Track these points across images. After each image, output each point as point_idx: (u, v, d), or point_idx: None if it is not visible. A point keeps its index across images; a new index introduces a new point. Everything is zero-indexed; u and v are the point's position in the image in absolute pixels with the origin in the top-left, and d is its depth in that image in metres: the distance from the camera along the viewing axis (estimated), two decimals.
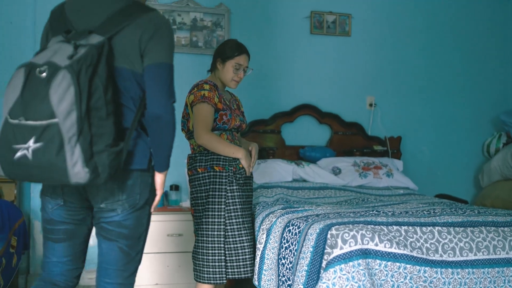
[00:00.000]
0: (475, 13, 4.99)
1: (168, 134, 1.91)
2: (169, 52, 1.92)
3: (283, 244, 2.60)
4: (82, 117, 1.63)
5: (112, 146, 1.74)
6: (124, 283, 1.99)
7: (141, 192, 1.92)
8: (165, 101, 1.88)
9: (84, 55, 1.68)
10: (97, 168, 1.69)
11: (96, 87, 1.70)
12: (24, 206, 4.00)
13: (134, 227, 1.94)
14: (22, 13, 4.00)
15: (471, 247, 2.38)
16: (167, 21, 1.97)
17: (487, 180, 4.76)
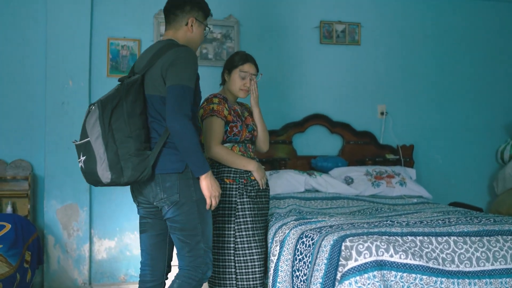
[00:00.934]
0: (486, 19, 4.96)
1: (183, 143, 2.27)
2: (184, 75, 2.31)
3: (297, 256, 2.58)
4: (106, 136, 2.23)
5: (136, 155, 2.27)
6: (189, 266, 2.40)
7: (180, 191, 2.35)
8: (174, 115, 2.25)
9: (113, 91, 2.31)
10: (122, 171, 2.24)
11: (120, 115, 2.27)
12: (37, 221, 4.01)
13: (185, 221, 2.37)
14: (34, 29, 4.04)
15: (488, 256, 2.35)
16: (188, 52, 2.38)
17: (501, 187, 4.70)
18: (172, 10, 2.58)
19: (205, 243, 2.41)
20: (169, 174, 2.35)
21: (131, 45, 4.19)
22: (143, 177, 2.29)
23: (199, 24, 2.59)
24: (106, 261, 4.15)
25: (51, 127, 3.98)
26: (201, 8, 2.61)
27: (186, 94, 2.28)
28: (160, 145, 2.34)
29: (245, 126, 2.96)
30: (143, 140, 2.32)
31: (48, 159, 3.98)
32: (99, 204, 4.12)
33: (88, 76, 4.09)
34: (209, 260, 2.43)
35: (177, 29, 2.57)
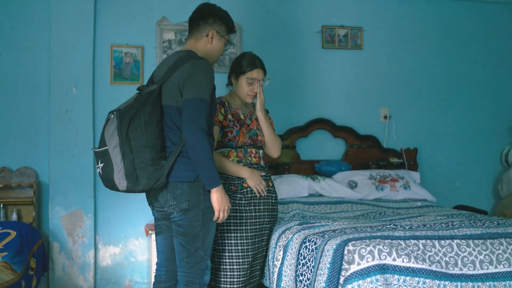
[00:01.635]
0: (489, 22, 4.96)
1: (197, 156, 2.35)
2: (200, 89, 2.37)
3: (300, 260, 2.59)
4: (123, 146, 2.31)
5: (151, 165, 2.35)
6: (188, 272, 2.47)
7: (189, 199, 2.42)
8: (190, 128, 2.33)
9: (132, 101, 2.38)
10: (137, 179, 2.33)
11: (137, 125, 2.35)
12: (42, 228, 4.03)
13: (189, 227, 2.44)
14: (38, 38, 4.08)
15: (492, 259, 2.34)
16: (205, 65, 2.45)
17: (506, 190, 4.69)
18: (196, 20, 2.64)
19: (203, 251, 2.47)
20: (181, 182, 2.43)
21: (134, 52, 4.22)
22: (158, 186, 2.38)
23: (220, 37, 2.63)
24: (111, 267, 4.16)
25: (55, 134, 4.01)
26: (224, 22, 2.65)
27: (202, 107, 2.36)
28: (175, 155, 2.41)
29: (246, 131, 2.92)
30: (158, 150, 2.40)
31: (53, 166, 4.00)
32: (104, 211, 4.14)
33: (92, 83, 4.11)
34: (205, 267, 2.49)
35: (197, 39, 2.63)
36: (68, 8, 4.05)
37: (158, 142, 2.41)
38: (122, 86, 4.17)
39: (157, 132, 2.41)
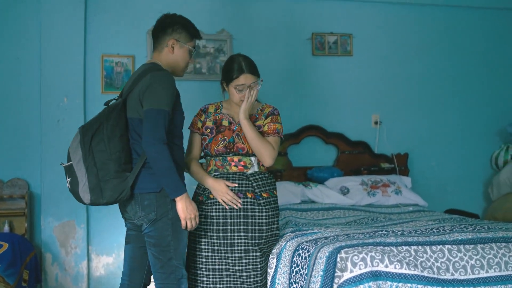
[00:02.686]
0: (477, 27, 5.01)
1: (157, 166, 2.36)
2: (159, 100, 2.39)
3: (293, 268, 2.60)
4: (87, 160, 2.37)
5: (115, 177, 2.38)
6: (164, 283, 2.49)
7: (157, 209, 2.44)
8: (148, 139, 2.35)
9: (96, 116, 2.47)
10: (101, 192, 2.38)
11: (100, 139, 2.40)
12: (35, 239, 4.02)
13: (159, 237, 2.46)
14: (28, 49, 4.07)
15: (483, 264, 2.37)
16: (164, 76, 2.46)
17: (496, 193, 4.73)
18: (155, 33, 2.67)
19: (177, 260, 2.48)
20: (148, 193, 2.45)
21: (125, 61, 4.22)
22: (122, 198, 2.42)
23: (181, 45, 2.63)
24: (105, 277, 4.15)
25: (47, 145, 4.00)
26: (184, 29, 2.64)
27: (160, 118, 2.37)
28: (138, 166, 2.44)
29: (220, 139, 2.78)
30: (122, 162, 2.43)
31: (45, 177, 3.99)
32: (96, 221, 4.13)
33: (83, 93, 4.11)
34: (181, 276, 2.50)
35: (160, 51, 2.65)
36: (58, 19, 4.05)
37: (122, 154, 2.44)
38: (113, 95, 4.09)
39: (120, 145, 2.44)
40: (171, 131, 2.49)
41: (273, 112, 2.88)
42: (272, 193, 2.82)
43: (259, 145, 2.73)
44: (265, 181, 2.80)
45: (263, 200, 2.74)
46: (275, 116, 2.86)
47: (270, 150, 2.74)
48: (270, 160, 2.75)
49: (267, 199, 2.76)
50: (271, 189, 2.82)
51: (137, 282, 2.68)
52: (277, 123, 2.84)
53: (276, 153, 2.77)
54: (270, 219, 2.75)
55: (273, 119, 2.85)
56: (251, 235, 2.71)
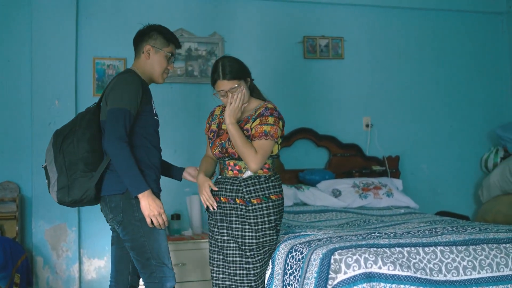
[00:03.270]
0: (467, 30, 5.06)
1: (117, 164, 2.42)
2: (120, 99, 2.46)
3: (287, 270, 2.61)
4: (57, 160, 2.49)
5: (82, 176, 2.47)
6: (148, 282, 2.55)
7: (124, 211, 2.50)
8: (108, 138, 2.43)
9: (71, 120, 2.62)
10: (68, 191, 2.47)
11: (71, 141, 2.51)
12: (26, 242, 3.99)
13: (132, 240, 2.52)
14: (19, 52, 4.05)
15: (474, 265, 2.39)
16: (127, 77, 2.55)
17: (487, 195, 4.77)
18: (134, 42, 2.76)
19: (155, 259, 2.52)
20: (114, 195, 2.51)
21: (117, 64, 4.22)
22: (87, 197, 2.49)
23: (156, 50, 2.67)
24: (96, 280, 4.13)
25: (38, 148, 3.97)
26: (160, 35, 2.69)
27: (120, 117, 2.43)
28: (103, 166, 2.51)
29: (218, 143, 2.78)
30: (90, 163, 2.50)
31: (36, 180, 3.96)
32: (88, 224, 4.11)
33: (75, 95, 4.10)
34: (163, 274, 2.53)
35: (138, 58, 2.72)
36: (50, 21, 4.04)
37: (90, 155, 2.51)
38: None
39: (89, 146, 2.51)
40: (139, 133, 2.55)
41: (263, 113, 2.72)
42: (267, 198, 2.71)
43: (241, 151, 2.65)
44: (257, 186, 2.71)
45: (252, 206, 2.69)
46: (265, 117, 2.70)
47: (252, 156, 2.62)
48: (253, 165, 2.63)
49: (258, 205, 2.69)
50: (265, 194, 2.71)
51: (123, 283, 2.72)
52: (265, 125, 2.67)
53: (261, 158, 2.63)
54: (260, 225, 2.69)
55: (262, 120, 2.70)
56: (241, 241, 2.70)
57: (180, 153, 4.24)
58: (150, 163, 2.58)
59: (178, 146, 4.27)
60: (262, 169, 2.75)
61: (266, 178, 2.75)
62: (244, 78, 2.77)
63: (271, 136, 2.67)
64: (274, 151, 2.79)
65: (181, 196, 4.20)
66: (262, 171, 2.76)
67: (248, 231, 2.69)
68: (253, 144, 2.66)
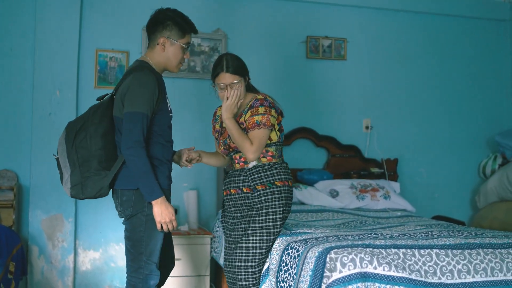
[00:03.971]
0: (469, 36, 5.07)
1: (133, 169, 2.43)
2: (135, 103, 2.44)
3: (282, 267, 2.61)
4: (70, 155, 2.48)
5: (95, 174, 2.47)
6: (132, 276, 2.56)
7: (133, 206, 2.51)
8: (126, 142, 2.42)
9: (84, 113, 2.57)
10: (81, 188, 2.47)
11: (84, 136, 2.49)
12: (22, 232, 3.99)
13: (132, 231, 2.54)
14: (22, 41, 4.05)
15: (469, 269, 2.40)
16: (142, 78, 2.48)
17: (483, 201, 4.78)
18: (148, 29, 2.66)
19: (146, 256, 2.54)
20: (127, 190, 2.52)
21: (119, 57, 4.22)
22: (101, 195, 2.52)
23: (172, 43, 2.60)
24: (91, 272, 4.14)
25: (37, 137, 3.98)
26: (176, 26, 2.60)
27: (138, 121, 2.42)
28: (118, 165, 2.50)
29: (221, 140, 2.92)
30: (103, 160, 2.50)
31: (34, 169, 3.97)
32: (85, 215, 4.12)
33: (76, 87, 4.10)
34: (149, 271, 2.55)
35: (152, 48, 2.65)
36: (54, 12, 4.04)
37: (103, 152, 2.50)
38: (106, 90, 4.15)
39: (102, 143, 2.50)
40: (155, 131, 2.55)
41: (253, 105, 2.80)
42: (271, 184, 2.78)
43: (238, 143, 2.76)
44: (262, 174, 2.80)
45: (257, 192, 2.79)
46: (255, 108, 2.78)
47: (248, 146, 2.72)
48: (250, 155, 2.73)
49: (263, 191, 2.78)
50: (269, 180, 2.79)
51: None
52: (257, 115, 2.76)
53: (257, 147, 2.72)
54: (264, 210, 2.76)
55: (253, 111, 2.78)
56: (247, 226, 2.80)
57: (179, 148, 4.24)
58: (164, 159, 2.60)
59: (178, 140, 4.23)
60: (266, 157, 2.84)
61: (270, 166, 2.83)
62: (244, 76, 2.85)
63: (264, 125, 2.75)
64: (273, 139, 2.85)
65: (179, 191, 4.19)
66: (266, 159, 2.85)
67: (254, 215, 2.79)
68: (248, 136, 2.75)
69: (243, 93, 2.82)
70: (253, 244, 2.76)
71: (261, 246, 2.76)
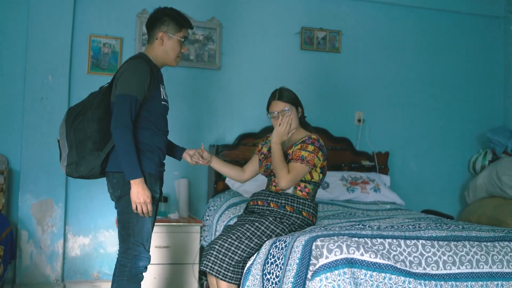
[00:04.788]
0: (464, 32, 5.09)
1: (117, 148, 2.54)
2: (127, 86, 2.57)
3: (269, 259, 2.59)
4: (68, 136, 2.63)
5: (89, 154, 2.61)
6: (122, 256, 2.65)
7: (122, 188, 2.61)
8: (114, 122, 2.55)
9: (84, 99, 2.71)
10: (75, 166, 2.62)
11: (81, 120, 2.63)
12: (11, 216, 3.99)
13: (121, 213, 2.66)
14: (15, 24, 4.03)
15: (455, 260, 2.42)
16: (135, 64, 2.62)
17: (472, 197, 4.81)
18: (148, 26, 2.80)
19: (135, 238, 2.63)
20: (117, 172, 2.63)
21: (113, 43, 4.20)
22: (93, 173, 2.66)
23: (169, 37, 2.74)
24: (80, 258, 4.14)
25: (29, 121, 3.97)
26: (172, 21, 2.74)
27: (127, 103, 2.54)
28: (109, 146, 2.63)
29: (264, 164, 3.05)
30: (97, 142, 2.62)
31: (25, 153, 3.96)
32: (75, 201, 4.12)
33: (69, 72, 4.09)
34: (138, 253, 2.63)
35: (151, 43, 2.78)
36: None
37: (98, 135, 2.62)
38: (99, 76, 4.16)
39: (97, 126, 2.62)
40: (145, 117, 2.65)
41: (305, 141, 2.94)
42: (299, 211, 2.88)
43: (276, 167, 2.87)
44: (294, 200, 2.90)
45: (284, 211, 2.88)
46: (305, 144, 2.91)
47: (284, 174, 2.83)
48: (283, 183, 2.83)
49: (290, 212, 2.87)
50: (299, 208, 2.89)
51: None
52: (304, 151, 2.87)
53: (292, 178, 2.82)
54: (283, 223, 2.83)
55: (302, 146, 2.91)
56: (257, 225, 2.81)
57: (172, 137, 4.23)
58: (154, 146, 2.69)
59: (171, 129, 4.23)
60: (302, 191, 2.95)
61: (303, 200, 2.93)
62: (296, 106, 3.04)
63: (307, 161, 2.86)
64: (315, 178, 2.97)
65: (170, 179, 4.19)
66: (301, 193, 2.95)
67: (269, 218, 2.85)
68: (289, 165, 2.86)
69: (294, 122, 2.98)
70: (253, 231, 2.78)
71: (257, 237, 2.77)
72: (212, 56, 4.41)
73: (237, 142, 4.39)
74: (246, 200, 3.83)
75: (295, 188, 2.94)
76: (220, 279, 2.71)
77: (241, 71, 4.50)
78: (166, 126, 2.82)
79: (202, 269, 2.75)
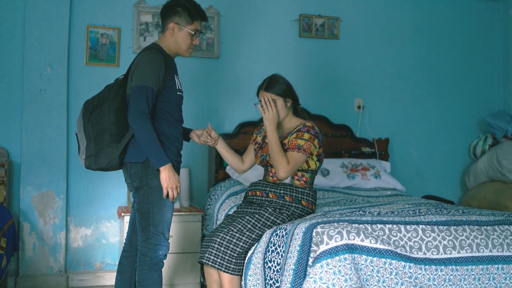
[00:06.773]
0: (463, 16, 5.06)
1: (139, 138, 2.57)
2: (143, 77, 2.59)
3: (270, 248, 2.61)
4: (86, 129, 2.66)
5: (107, 146, 2.64)
6: (143, 245, 2.69)
7: (141, 178, 2.65)
8: (132, 113, 2.57)
9: (100, 92, 2.75)
10: (94, 159, 2.65)
11: (98, 112, 2.67)
12: (13, 208, 4.00)
13: (140, 204, 2.68)
14: (12, 15, 4.01)
15: (455, 245, 2.43)
16: (149, 55, 2.64)
17: (473, 182, 4.82)
18: (161, 16, 2.83)
19: (154, 227, 2.67)
20: (135, 163, 2.67)
21: (110, 33, 4.19)
22: (111, 165, 2.68)
23: (180, 28, 2.74)
24: (82, 249, 4.16)
25: (28, 113, 3.97)
26: (185, 11, 2.74)
27: (143, 94, 2.57)
28: (127, 138, 2.67)
29: (260, 154, 3.03)
30: (114, 134, 2.66)
31: (25, 145, 3.96)
32: (76, 192, 4.13)
33: (67, 63, 4.08)
34: (157, 242, 2.67)
35: (163, 33, 2.80)
36: None
37: (115, 127, 2.66)
38: (97, 67, 4.15)
39: (114, 118, 2.66)
40: (161, 108, 2.68)
41: (300, 129, 2.91)
42: (298, 201, 2.89)
43: (274, 158, 2.85)
44: (293, 190, 2.90)
45: (283, 201, 2.89)
46: (301, 133, 2.89)
47: (283, 164, 2.82)
48: (282, 173, 2.83)
49: (289, 202, 2.88)
50: (298, 197, 2.89)
51: (135, 242, 2.85)
52: (300, 139, 2.86)
53: (291, 168, 2.82)
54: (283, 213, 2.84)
55: (298, 135, 2.88)
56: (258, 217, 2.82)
57: None
58: (171, 136, 2.71)
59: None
60: (300, 180, 2.95)
61: (302, 189, 2.93)
62: (284, 97, 2.99)
63: (304, 150, 2.85)
64: (312, 167, 2.96)
65: None
66: (299, 183, 2.95)
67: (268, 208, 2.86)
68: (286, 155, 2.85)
69: (281, 113, 2.96)
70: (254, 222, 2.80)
71: (258, 229, 2.80)
72: (211, 45, 4.40)
73: (237, 130, 4.39)
74: (246, 189, 3.83)
75: (292, 178, 2.95)
76: (223, 271, 2.72)
77: (240, 59, 4.49)
78: (181, 116, 2.83)
79: (202, 262, 2.76)
